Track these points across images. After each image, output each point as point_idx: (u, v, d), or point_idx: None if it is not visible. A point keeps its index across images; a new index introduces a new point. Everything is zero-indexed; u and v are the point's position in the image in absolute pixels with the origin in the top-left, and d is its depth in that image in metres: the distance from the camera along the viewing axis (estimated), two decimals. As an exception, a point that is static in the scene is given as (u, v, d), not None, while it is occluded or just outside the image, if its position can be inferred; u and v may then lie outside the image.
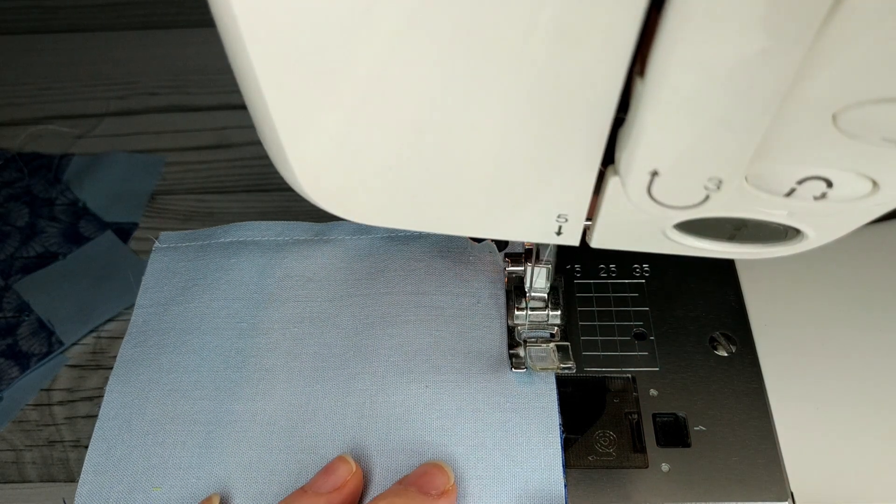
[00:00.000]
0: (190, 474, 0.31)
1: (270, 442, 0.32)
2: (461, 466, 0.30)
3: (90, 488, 0.31)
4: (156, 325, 0.36)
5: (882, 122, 0.16)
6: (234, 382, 0.34)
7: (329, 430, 0.32)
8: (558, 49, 0.16)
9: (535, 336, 0.35)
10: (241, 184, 0.53)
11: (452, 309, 0.36)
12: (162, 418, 0.33)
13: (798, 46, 0.14)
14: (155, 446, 0.32)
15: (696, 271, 0.38)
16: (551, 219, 0.23)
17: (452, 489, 0.29)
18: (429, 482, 0.29)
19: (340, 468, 0.29)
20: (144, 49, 0.63)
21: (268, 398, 0.33)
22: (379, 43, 0.16)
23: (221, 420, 0.33)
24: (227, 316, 0.36)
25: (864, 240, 0.39)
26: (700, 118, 0.16)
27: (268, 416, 0.33)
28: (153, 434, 0.32)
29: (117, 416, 0.33)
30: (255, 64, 0.17)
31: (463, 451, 0.31)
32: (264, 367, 0.34)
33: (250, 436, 0.32)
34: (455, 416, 0.32)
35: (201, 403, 0.33)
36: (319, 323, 0.36)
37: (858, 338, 0.36)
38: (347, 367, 0.34)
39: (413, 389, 0.33)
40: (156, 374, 0.34)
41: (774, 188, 0.19)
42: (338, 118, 0.19)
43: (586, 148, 0.19)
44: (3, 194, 0.53)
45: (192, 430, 0.32)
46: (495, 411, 0.32)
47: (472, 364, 0.34)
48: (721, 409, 0.33)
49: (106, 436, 0.33)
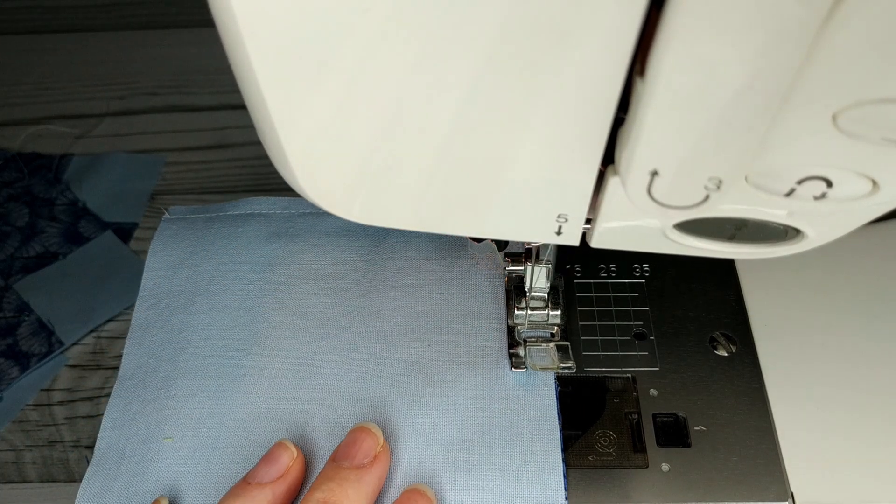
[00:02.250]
0: (201, 424, 0.33)
1: (278, 393, 0.33)
2: (462, 416, 0.32)
3: (108, 442, 0.33)
4: (166, 288, 0.38)
5: (882, 122, 0.16)
6: (242, 339, 0.35)
7: (335, 382, 0.34)
8: (559, 49, 0.16)
9: (535, 336, 0.35)
10: (241, 184, 0.53)
11: (452, 272, 0.37)
12: (174, 374, 0.34)
13: (798, 46, 0.14)
14: (167, 399, 0.34)
15: (696, 271, 0.38)
16: (551, 219, 0.23)
17: (384, 450, 0.29)
18: (359, 451, 0.29)
19: (282, 456, 0.29)
20: (144, 49, 0.63)
21: (275, 353, 0.35)
22: (379, 43, 0.16)
23: (231, 374, 0.34)
24: (234, 278, 0.38)
25: (864, 240, 0.39)
26: (700, 118, 0.16)
27: (275, 369, 0.34)
28: (165, 389, 0.34)
29: (133, 377, 0.35)
30: (255, 64, 0.17)
31: (464, 401, 0.32)
32: (271, 324, 0.35)
33: (259, 388, 0.34)
34: (456, 371, 0.33)
35: (211, 359, 0.35)
36: (324, 284, 0.37)
37: (858, 338, 0.36)
38: (352, 325, 0.35)
39: (416, 347, 0.34)
40: (168, 335, 0.36)
41: (774, 188, 0.19)
42: (337, 118, 0.19)
43: (586, 148, 0.19)
44: (3, 194, 0.53)
45: (203, 384, 0.34)
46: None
47: (471, 324, 0.35)
48: (721, 409, 0.33)
49: (123, 394, 0.34)
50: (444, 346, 0.34)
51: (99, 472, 0.32)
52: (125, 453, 0.32)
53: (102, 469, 0.32)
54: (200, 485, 0.31)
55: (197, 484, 0.31)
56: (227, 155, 0.55)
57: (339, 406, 0.33)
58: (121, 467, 0.32)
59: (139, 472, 0.32)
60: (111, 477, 0.32)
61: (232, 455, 0.32)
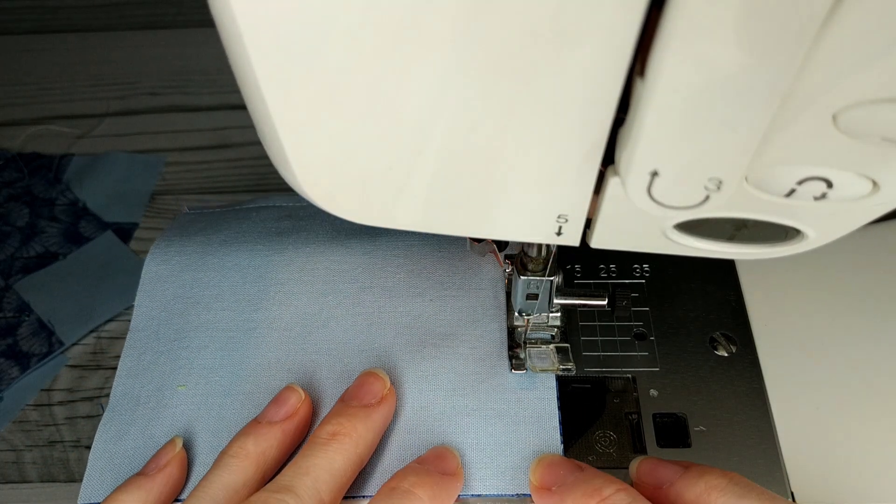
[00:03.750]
0: (213, 374, 0.34)
1: (287, 345, 0.35)
2: (462, 365, 0.33)
3: (123, 389, 0.34)
4: (178, 248, 0.39)
5: (882, 122, 0.16)
6: (251, 294, 0.37)
7: (341, 335, 0.35)
8: (558, 49, 0.16)
9: (536, 337, 0.35)
10: (241, 184, 0.53)
11: None
12: (186, 327, 0.36)
13: (798, 46, 0.14)
14: (180, 350, 0.35)
15: (696, 271, 0.38)
16: (551, 219, 0.23)
17: (390, 393, 0.31)
18: (367, 392, 0.31)
19: (291, 398, 0.31)
20: (144, 49, 0.63)
21: (283, 308, 0.36)
22: (378, 43, 0.16)
23: (241, 327, 0.36)
24: (244, 241, 0.39)
25: (864, 240, 0.39)
26: (700, 118, 0.16)
27: (284, 322, 0.36)
28: (178, 341, 0.35)
29: (145, 328, 0.36)
30: (255, 64, 0.17)
31: (464, 351, 0.34)
32: (279, 280, 0.37)
33: (268, 340, 0.35)
34: (457, 324, 0.35)
35: (222, 314, 0.36)
36: (330, 244, 0.38)
37: (858, 338, 0.36)
38: (357, 281, 0.37)
39: (418, 302, 0.36)
40: (179, 290, 0.37)
41: (774, 188, 0.19)
42: (338, 118, 0.19)
43: (586, 148, 0.19)
44: (3, 194, 0.53)
45: (214, 336, 0.35)
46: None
47: (470, 280, 0.37)
48: (721, 409, 0.33)
49: (136, 344, 0.36)
50: (445, 301, 0.36)
51: (115, 418, 0.33)
52: (140, 400, 0.34)
53: (118, 415, 0.34)
54: (213, 428, 0.32)
55: (210, 427, 0.33)
56: (227, 155, 0.55)
57: (345, 356, 0.34)
58: (136, 413, 0.33)
59: (154, 417, 0.33)
60: (127, 422, 0.33)
61: (243, 401, 0.33)
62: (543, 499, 0.28)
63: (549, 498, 0.28)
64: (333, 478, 0.27)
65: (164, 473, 0.30)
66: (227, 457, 0.29)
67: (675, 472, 0.27)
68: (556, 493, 0.27)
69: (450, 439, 0.31)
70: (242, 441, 0.29)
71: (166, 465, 0.30)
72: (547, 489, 0.28)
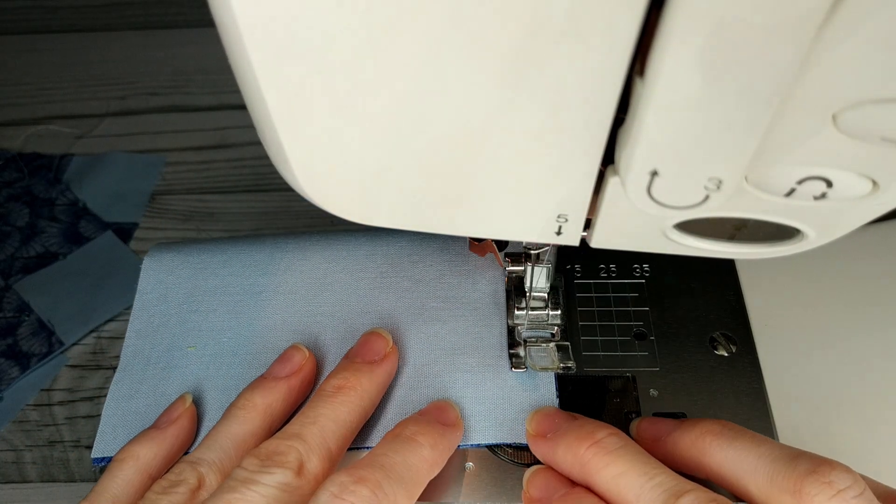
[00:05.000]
0: (222, 335, 0.35)
1: (293, 307, 0.36)
2: (462, 325, 0.35)
3: (133, 349, 0.35)
4: None
5: (882, 122, 0.16)
6: (258, 261, 0.38)
7: (344, 298, 0.36)
8: (558, 49, 0.16)
9: (536, 336, 0.35)
10: (241, 184, 0.53)
11: None
12: (194, 291, 0.37)
13: (798, 46, 0.14)
14: (189, 314, 0.36)
15: (696, 271, 0.38)
16: (551, 219, 0.23)
17: (392, 351, 0.32)
18: (370, 350, 0.32)
19: (295, 355, 0.32)
20: (144, 49, 0.63)
21: (289, 273, 0.37)
22: (378, 43, 0.16)
23: (248, 291, 0.37)
24: None
25: (864, 240, 0.39)
26: (700, 118, 0.16)
27: (289, 286, 0.37)
28: (187, 304, 0.37)
29: (153, 290, 0.37)
30: (255, 64, 0.17)
31: (464, 312, 0.35)
32: (284, 248, 0.38)
33: (274, 303, 0.36)
34: (457, 287, 0.36)
35: (229, 279, 0.37)
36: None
37: (858, 338, 0.36)
38: (361, 248, 0.38)
39: (420, 267, 0.37)
40: (186, 257, 0.39)
41: (774, 188, 0.19)
42: (337, 118, 0.19)
43: (586, 148, 0.19)
44: (3, 194, 0.53)
45: (222, 300, 0.37)
46: None
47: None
48: (721, 409, 0.33)
49: (145, 305, 0.37)
50: (445, 266, 0.37)
51: (126, 377, 0.35)
52: (150, 360, 0.35)
53: (129, 374, 0.35)
54: (222, 386, 0.34)
55: (219, 385, 0.34)
56: (227, 155, 0.55)
57: (348, 318, 0.36)
58: (146, 372, 0.35)
59: (164, 376, 0.34)
60: (138, 381, 0.34)
61: (251, 361, 0.34)
62: (539, 446, 0.29)
63: (544, 445, 0.29)
64: (339, 428, 0.28)
65: (176, 426, 0.31)
66: (235, 409, 0.30)
67: (673, 426, 0.28)
68: (551, 439, 0.28)
69: (450, 395, 0.33)
70: (250, 394, 0.30)
71: (177, 418, 0.31)
72: (542, 436, 0.29)
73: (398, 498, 0.25)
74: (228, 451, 0.28)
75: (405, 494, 0.25)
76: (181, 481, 0.27)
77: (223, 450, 0.28)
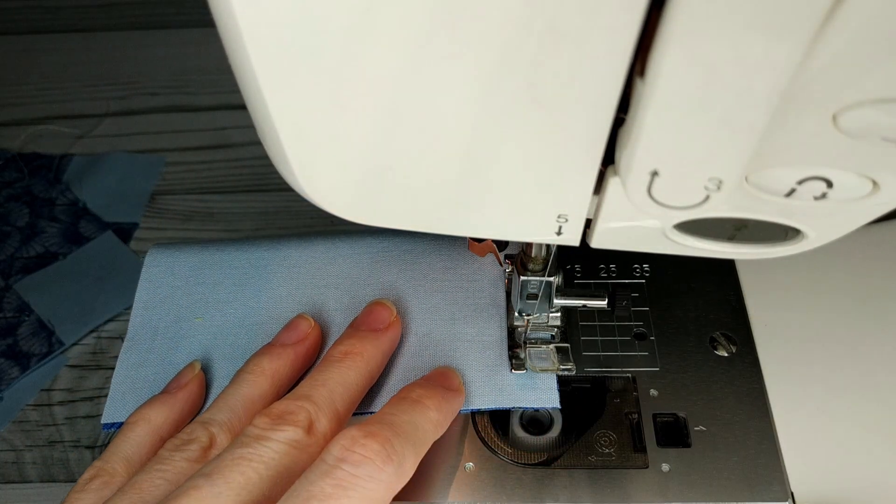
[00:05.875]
0: (228, 307, 0.37)
1: (297, 279, 0.37)
2: (462, 296, 0.36)
3: (141, 320, 0.36)
4: None
5: (882, 122, 0.16)
6: (260, 243, 0.39)
7: (347, 270, 0.37)
8: (558, 49, 0.16)
9: (536, 337, 0.35)
10: (241, 184, 0.53)
11: None
12: (200, 265, 0.38)
13: (798, 46, 0.14)
14: (196, 286, 0.37)
15: (696, 271, 0.38)
16: (551, 219, 0.23)
17: (396, 321, 0.34)
18: (375, 319, 0.33)
19: (301, 324, 0.34)
20: (144, 49, 0.63)
21: (293, 247, 0.38)
22: (378, 43, 0.16)
23: (253, 265, 0.38)
24: None
25: (864, 240, 0.39)
26: (700, 118, 0.16)
27: (293, 260, 0.38)
28: (193, 277, 0.38)
29: (160, 264, 0.38)
30: (255, 64, 0.17)
31: (463, 284, 0.37)
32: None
33: (279, 276, 0.37)
34: (456, 259, 0.37)
35: (234, 254, 0.38)
36: None
37: (858, 338, 0.36)
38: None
39: (419, 242, 0.38)
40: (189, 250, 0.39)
41: (774, 188, 0.19)
42: (337, 118, 0.19)
43: (586, 148, 0.19)
44: (3, 194, 0.53)
45: (228, 273, 0.38)
46: None
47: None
48: (721, 409, 0.33)
49: (151, 278, 0.38)
50: (444, 239, 0.38)
51: (134, 347, 0.36)
52: (158, 331, 0.36)
53: (137, 344, 0.36)
54: (229, 355, 0.35)
55: (226, 354, 0.35)
56: (227, 155, 0.55)
57: (352, 289, 0.37)
58: (154, 342, 0.36)
59: (173, 346, 0.35)
60: (147, 350, 0.35)
61: (257, 331, 0.36)
62: None
63: None
64: (346, 390, 0.29)
65: (185, 391, 0.32)
66: (243, 373, 0.31)
67: None
68: None
69: (451, 362, 0.34)
70: (258, 360, 0.31)
71: (186, 384, 0.32)
72: None
73: (406, 454, 0.25)
74: (238, 413, 0.29)
75: (413, 452, 0.26)
76: (193, 440, 0.28)
77: (233, 411, 0.29)
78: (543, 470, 0.32)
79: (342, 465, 0.24)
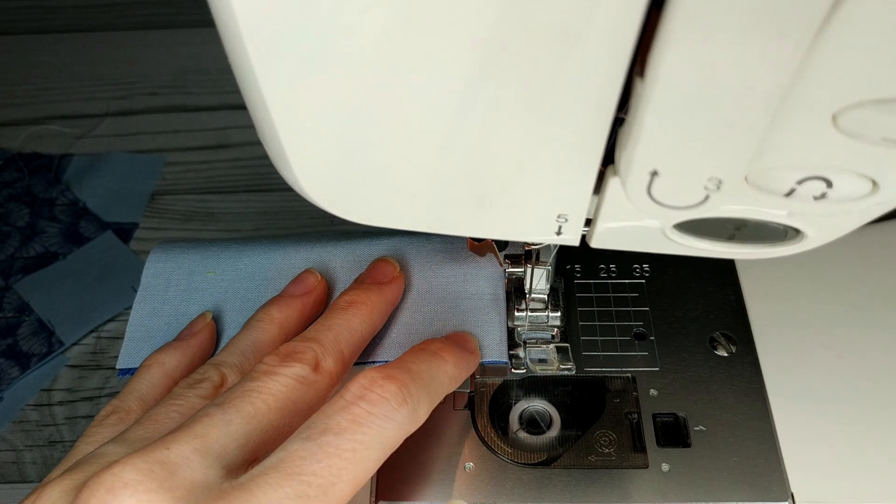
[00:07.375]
0: (238, 262, 0.38)
1: (304, 240, 0.39)
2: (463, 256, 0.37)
3: (154, 272, 0.38)
4: None
5: (882, 122, 0.16)
6: None
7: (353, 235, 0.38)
8: (558, 49, 0.16)
9: (535, 337, 0.35)
10: (241, 184, 0.53)
11: None
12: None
13: (798, 46, 0.14)
14: (207, 244, 0.39)
15: (696, 271, 0.38)
16: (551, 219, 0.23)
17: (399, 276, 0.35)
18: (380, 273, 0.35)
19: (309, 278, 0.35)
20: (144, 49, 0.63)
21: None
22: (378, 42, 0.16)
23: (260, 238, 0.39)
24: None
25: (864, 240, 0.39)
26: (700, 118, 0.16)
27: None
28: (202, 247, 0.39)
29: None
30: (255, 64, 0.17)
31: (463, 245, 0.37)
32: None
33: (287, 239, 0.39)
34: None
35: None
36: None
37: (858, 338, 0.36)
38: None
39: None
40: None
41: (774, 188, 0.19)
42: (337, 118, 0.19)
43: (586, 148, 0.19)
44: (3, 194, 0.53)
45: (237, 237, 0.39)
46: None
47: None
48: (721, 409, 0.33)
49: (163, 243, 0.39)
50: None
51: (148, 297, 0.37)
52: (171, 281, 0.37)
53: (151, 294, 0.37)
54: (239, 307, 0.36)
55: (236, 307, 0.36)
56: (227, 155, 0.55)
57: (357, 248, 0.38)
58: (168, 293, 0.37)
59: (186, 298, 0.37)
60: (160, 300, 0.37)
61: (267, 286, 0.37)
62: None
63: None
64: (351, 336, 0.30)
65: (197, 338, 0.34)
66: (253, 321, 0.33)
67: None
68: None
69: (450, 317, 0.35)
70: (267, 308, 0.33)
71: (198, 331, 0.34)
72: None
73: (421, 400, 0.26)
74: (248, 356, 0.31)
75: (427, 399, 0.27)
76: (205, 378, 0.29)
77: (243, 354, 0.31)
78: (543, 470, 0.32)
79: (360, 402, 0.25)
